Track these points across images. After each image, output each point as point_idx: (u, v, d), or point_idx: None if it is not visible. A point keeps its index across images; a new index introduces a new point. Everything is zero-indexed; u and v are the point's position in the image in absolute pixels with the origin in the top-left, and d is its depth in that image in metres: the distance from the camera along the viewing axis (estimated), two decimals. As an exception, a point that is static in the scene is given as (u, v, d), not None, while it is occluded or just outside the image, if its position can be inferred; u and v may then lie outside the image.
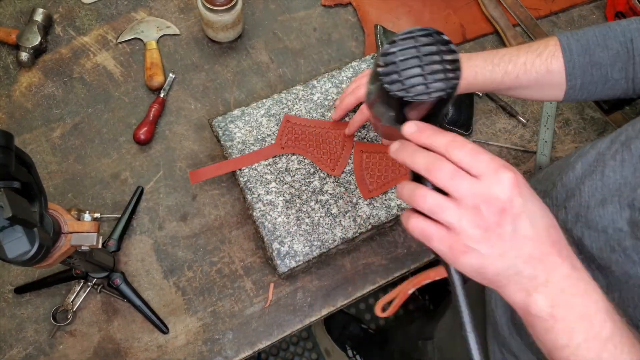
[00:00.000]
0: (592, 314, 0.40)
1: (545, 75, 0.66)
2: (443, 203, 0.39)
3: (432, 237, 0.41)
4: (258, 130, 0.80)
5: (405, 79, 0.40)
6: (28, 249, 0.49)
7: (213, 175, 0.78)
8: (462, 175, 0.39)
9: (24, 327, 0.74)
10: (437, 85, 0.40)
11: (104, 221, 0.79)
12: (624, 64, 0.63)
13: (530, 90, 0.69)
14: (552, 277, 0.40)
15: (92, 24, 0.93)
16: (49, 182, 0.81)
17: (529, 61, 0.66)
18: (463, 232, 0.39)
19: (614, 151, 0.53)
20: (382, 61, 0.41)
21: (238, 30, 0.92)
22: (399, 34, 0.41)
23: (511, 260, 0.39)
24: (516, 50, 0.68)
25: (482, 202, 0.38)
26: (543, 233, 0.40)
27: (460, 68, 0.40)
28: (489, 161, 0.39)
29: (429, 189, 0.41)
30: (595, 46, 0.63)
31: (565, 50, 0.64)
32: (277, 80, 0.92)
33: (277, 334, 0.76)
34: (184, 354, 0.74)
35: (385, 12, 0.98)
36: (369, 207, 0.76)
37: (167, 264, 0.78)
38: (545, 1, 1.02)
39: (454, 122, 0.86)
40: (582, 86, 0.65)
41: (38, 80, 0.88)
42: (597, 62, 0.63)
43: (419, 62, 0.40)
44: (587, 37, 0.64)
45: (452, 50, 0.40)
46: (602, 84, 0.64)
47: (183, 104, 0.88)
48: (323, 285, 0.78)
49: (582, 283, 0.40)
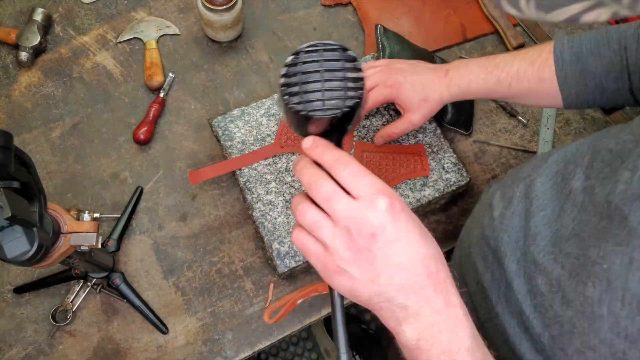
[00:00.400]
0: (455, 352, 0.39)
1: (538, 84, 0.64)
2: (321, 221, 0.39)
3: (309, 252, 0.41)
4: (258, 130, 0.80)
5: (304, 93, 0.39)
6: (27, 249, 0.49)
7: (213, 175, 0.78)
8: (339, 196, 0.38)
9: (23, 327, 0.73)
10: (334, 102, 0.38)
11: (104, 221, 0.79)
12: (618, 74, 0.60)
13: (526, 99, 0.68)
14: (423, 310, 0.39)
15: (91, 24, 0.93)
16: (49, 182, 0.81)
17: (522, 69, 0.65)
18: (335, 252, 0.39)
19: None
20: (284, 72, 0.39)
21: (238, 30, 0.92)
22: (303, 46, 0.39)
23: (383, 287, 0.39)
24: (511, 57, 0.67)
25: (353, 225, 0.38)
26: (418, 263, 0.39)
27: (364, 87, 0.39)
28: (369, 185, 0.38)
29: (311, 205, 0.40)
30: (588, 54, 0.61)
31: (558, 59, 0.63)
32: (277, 80, 0.91)
33: (277, 334, 0.76)
34: (184, 354, 0.74)
35: (385, 12, 0.98)
36: (369, 207, 0.76)
37: (167, 264, 0.78)
38: (546, 1, 1.02)
39: (454, 122, 0.86)
40: (577, 95, 0.63)
41: (37, 80, 0.88)
42: (590, 72, 0.61)
43: (320, 77, 0.38)
44: (581, 45, 0.62)
45: (357, 68, 0.39)
46: (599, 93, 0.62)
47: (183, 104, 0.88)
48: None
49: (452, 320, 0.40)
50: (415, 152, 0.80)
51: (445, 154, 0.81)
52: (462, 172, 0.80)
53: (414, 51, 0.87)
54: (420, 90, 0.70)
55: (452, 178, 0.79)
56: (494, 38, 0.99)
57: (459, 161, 0.81)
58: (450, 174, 0.80)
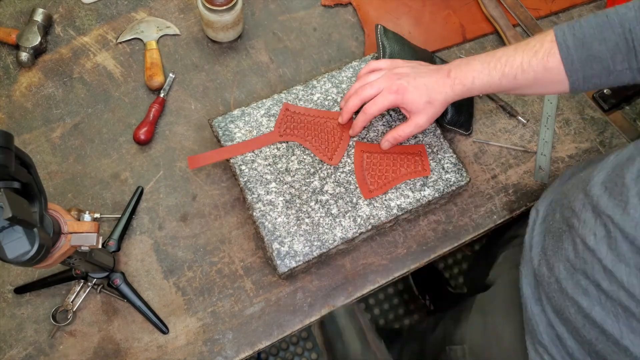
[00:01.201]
0: None
1: (544, 73, 0.65)
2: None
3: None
4: (258, 130, 0.80)
5: None
6: (28, 250, 0.49)
7: (212, 161, 0.78)
8: None
9: (23, 327, 0.74)
10: None
11: (104, 221, 0.79)
12: (625, 55, 0.61)
13: (531, 89, 0.69)
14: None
15: (92, 24, 0.93)
16: (49, 182, 0.81)
17: (525, 61, 0.66)
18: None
19: None
20: None
21: (238, 30, 0.92)
22: None
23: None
24: (513, 50, 0.67)
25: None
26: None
27: None
28: None
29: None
30: (592, 39, 0.62)
31: (562, 46, 0.64)
32: (277, 80, 0.92)
33: (277, 334, 0.76)
34: (184, 354, 0.74)
35: (385, 12, 0.98)
36: (369, 207, 0.76)
37: (167, 264, 0.78)
38: (545, 1, 1.02)
39: (454, 123, 0.86)
40: (585, 79, 0.64)
41: (38, 80, 0.88)
42: (596, 56, 0.62)
43: None
44: (583, 30, 0.63)
45: None
46: (606, 75, 0.63)
47: (183, 104, 0.88)
48: (323, 285, 0.78)
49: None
50: (416, 152, 0.80)
51: (445, 154, 0.81)
52: (462, 172, 0.80)
53: (414, 51, 0.87)
54: (424, 94, 0.72)
55: (452, 178, 0.79)
56: (493, 38, 0.99)
57: (458, 161, 0.81)
58: (450, 174, 0.80)
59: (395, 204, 0.77)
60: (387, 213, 0.76)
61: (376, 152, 0.80)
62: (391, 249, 0.81)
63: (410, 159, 0.80)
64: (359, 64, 0.87)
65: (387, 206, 0.77)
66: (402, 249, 0.81)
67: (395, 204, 0.77)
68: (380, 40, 0.86)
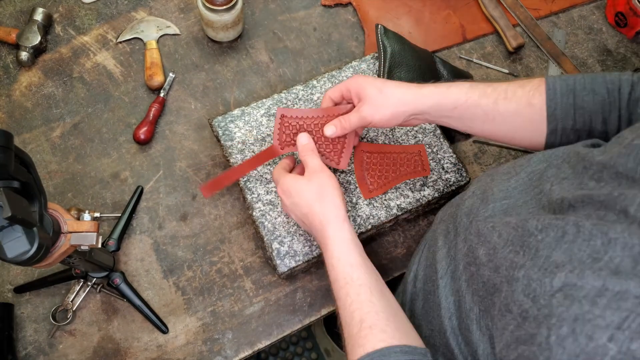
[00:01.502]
0: None
1: (526, 107, 0.61)
2: None
3: None
4: (258, 130, 0.80)
5: None
6: (27, 249, 0.49)
7: (225, 185, 0.75)
8: None
9: (23, 327, 0.74)
10: None
11: (104, 221, 0.79)
12: (608, 115, 0.58)
13: (507, 124, 0.63)
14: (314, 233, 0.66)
15: (92, 24, 0.93)
16: (49, 181, 0.81)
17: (511, 89, 0.62)
18: None
19: None
20: None
21: (238, 30, 0.92)
22: None
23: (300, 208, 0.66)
24: (499, 82, 0.64)
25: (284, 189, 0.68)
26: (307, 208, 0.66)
27: None
28: None
29: None
30: (581, 89, 0.60)
31: (550, 88, 0.61)
32: (277, 80, 0.92)
33: (277, 334, 0.76)
34: (184, 353, 0.74)
35: (385, 12, 0.98)
36: (368, 207, 0.76)
37: (167, 264, 0.78)
38: (545, 1, 1.02)
39: (454, 122, 0.86)
40: (563, 132, 0.61)
41: (38, 79, 0.88)
42: (582, 106, 0.59)
43: None
44: (574, 79, 0.60)
45: None
46: (586, 134, 0.60)
47: (183, 104, 0.88)
48: (323, 285, 0.78)
49: None
50: (416, 152, 0.80)
51: (445, 154, 0.81)
52: (462, 172, 0.80)
53: (414, 51, 0.87)
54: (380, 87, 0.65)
55: (451, 178, 0.79)
56: (493, 38, 0.99)
57: (458, 161, 0.81)
58: (450, 174, 0.80)
59: (395, 204, 0.77)
60: (386, 213, 0.76)
61: (376, 152, 0.80)
62: (391, 249, 0.81)
63: (410, 158, 0.80)
64: (358, 64, 0.87)
65: (386, 206, 0.77)
66: (402, 249, 0.81)
67: (395, 204, 0.77)
68: (381, 40, 0.86)
